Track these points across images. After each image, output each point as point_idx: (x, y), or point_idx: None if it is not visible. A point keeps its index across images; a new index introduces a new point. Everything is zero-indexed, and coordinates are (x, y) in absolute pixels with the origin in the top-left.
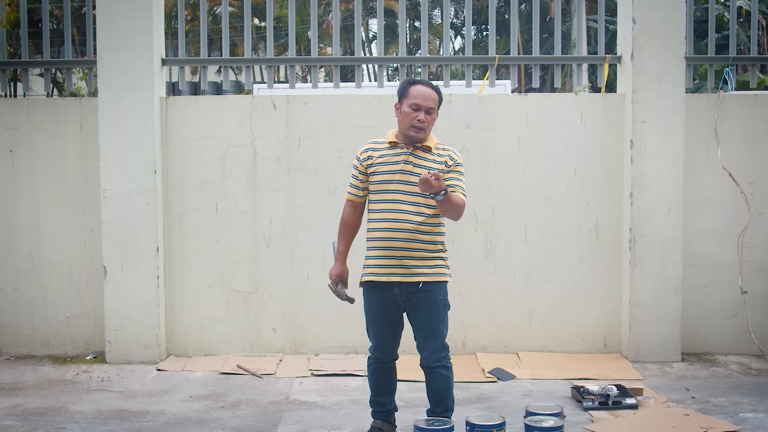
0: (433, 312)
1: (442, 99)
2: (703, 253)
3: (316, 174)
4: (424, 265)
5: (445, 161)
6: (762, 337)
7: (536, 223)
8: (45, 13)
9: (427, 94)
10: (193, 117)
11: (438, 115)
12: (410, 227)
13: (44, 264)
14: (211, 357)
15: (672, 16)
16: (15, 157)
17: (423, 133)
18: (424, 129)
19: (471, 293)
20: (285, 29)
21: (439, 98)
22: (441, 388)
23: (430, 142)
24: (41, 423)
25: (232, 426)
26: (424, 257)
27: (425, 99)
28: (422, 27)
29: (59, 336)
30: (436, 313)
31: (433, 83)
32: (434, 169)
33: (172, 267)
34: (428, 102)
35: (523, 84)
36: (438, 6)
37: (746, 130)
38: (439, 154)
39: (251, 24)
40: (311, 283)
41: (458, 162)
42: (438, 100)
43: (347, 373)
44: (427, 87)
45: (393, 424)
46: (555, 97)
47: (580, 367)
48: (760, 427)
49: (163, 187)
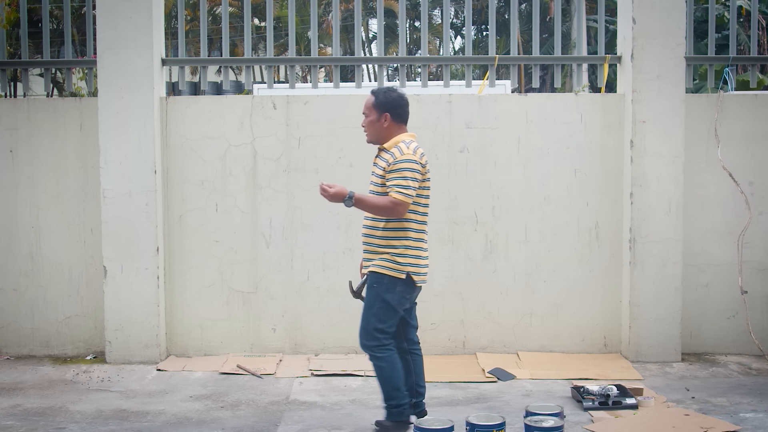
0: (366, 299)
1: (378, 99)
2: (703, 253)
3: (316, 174)
4: (373, 258)
5: (387, 160)
6: (762, 337)
7: (536, 223)
8: (45, 13)
9: (365, 101)
10: (193, 117)
11: (375, 117)
12: (368, 224)
13: (44, 264)
14: (211, 357)
15: (672, 16)
16: (15, 157)
17: (367, 136)
18: (366, 132)
19: (471, 293)
20: (285, 29)
21: (373, 100)
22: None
23: (389, 144)
24: (41, 423)
25: (232, 426)
26: (375, 252)
27: (364, 105)
28: (422, 27)
29: (59, 336)
30: (367, 299)
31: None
32: (379, 167)
33: (172, 267)
34: (364, 107)
35: (523, 84)
36: (438, 6)
37: (746, 130)
38: (388, 154)
39: (251, 24)
40: (311, 283)
41: (398, 160)
42: (371, 102)
43: (347, 373)
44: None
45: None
46: (555, 97)
47: (580, 367)
48: (760, 427)
49: (163, 187)
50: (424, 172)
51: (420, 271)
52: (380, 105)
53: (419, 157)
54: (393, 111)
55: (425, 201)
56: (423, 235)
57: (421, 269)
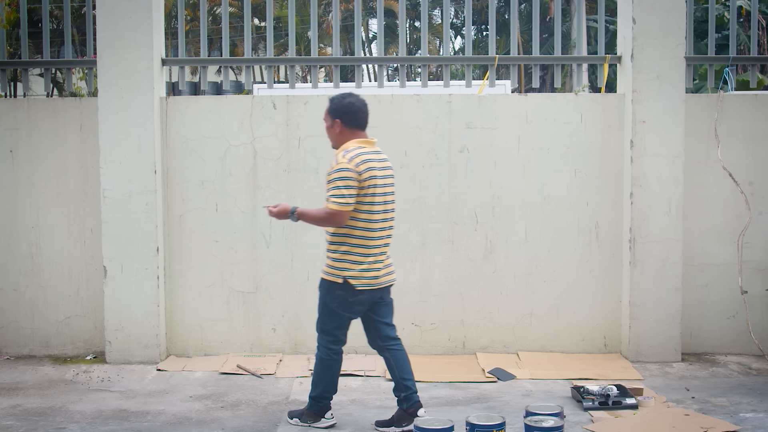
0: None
1: (331, 105)
2: (703, 253)
3: (316, 174)
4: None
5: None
6: (762, 337)
7: (536, 223)
8: (45, 13)
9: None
10: (193, 117)
11: (329, 123)
12: (326, 231)
13: (44, 264)
14: (211, 357)
15: (672, 16)
16: (15, 157)
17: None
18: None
19: (471, 293)
20: (285, 29)
21: (327, 106)
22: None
23: (337, 150)
24: (41, 423)
25: (232, 426)
26: (326, 256)
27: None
28: (422, 27)
29: (59, 336)
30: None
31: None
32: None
33: (172, 267)
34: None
35: (523, 84)
36: (438, 6)
37: (746, 130)
38: (334, 161)
39: (251, 24)
40: (311, 283)
41: (332, 170)
42: (326, 108)
43: (347, 373)
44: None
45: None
46: (555, 97)
47: (580, 367)
48: (760, 427)
49: (163, 187)
50: (363, 179)
51: (359, 275)
52: (332, 111)
53: (355, 166)
54: (344, 117)
55: (374, 207)
56: (370, 241)
57: (363, 274)
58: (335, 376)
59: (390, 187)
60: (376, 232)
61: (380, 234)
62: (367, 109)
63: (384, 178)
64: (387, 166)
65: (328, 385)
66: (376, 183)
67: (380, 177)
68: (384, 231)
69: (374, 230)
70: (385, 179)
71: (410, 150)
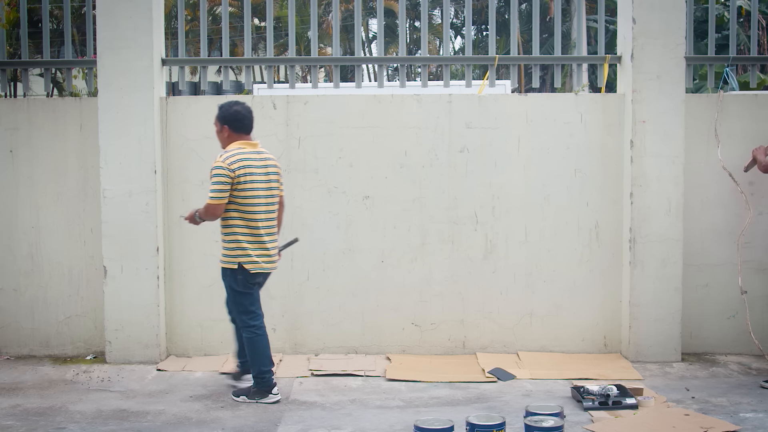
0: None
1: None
2: (703, 253)
3: (316, 174)
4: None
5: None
6: (762, 337)
7: (536, 223)
8: (45, 13)
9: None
10: (193, 117)
11: (218, 128)
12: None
13: (44, 264)
14: (211, 357)
15: (672, 16)
16: (15, 158)
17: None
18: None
19: (471, 293)
20: (285, 29)
21: (216, 113)
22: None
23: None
24: (41, 423)
25: (232, 426)
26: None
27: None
28: (422, 27)
29: (59, 336)
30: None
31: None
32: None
33: (172, 267)
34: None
35: (523, 84)
36: (438, 6)
37: (746, 131)
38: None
39: (251, 24)
40: (311, 283)
41: (211, 168)
42: (215, 115)
43: (347, 373)
44: None
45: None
46: (555, 97)
47: (580, 367)
48: (760, 427)
49: (163, 187)
50: (237, 176)
51: (252, 260)
52: (220, 118)
53: (228, 164)
54: (231, 123)
55: (256, 200)
56: (256, 230)
57: (255, 258)
58: (267, 349)
59: (274, 183)
60: (261, 222)
61: (266, 223)
62: (252, 116)
63: (266, 174)
64: (269, 164)
65: (262, 359)
66: (254, 178)
67: (260, 174)
68: (269, 221)
69: (259, 220)
70: (268, 175)
71: (410, 150)
